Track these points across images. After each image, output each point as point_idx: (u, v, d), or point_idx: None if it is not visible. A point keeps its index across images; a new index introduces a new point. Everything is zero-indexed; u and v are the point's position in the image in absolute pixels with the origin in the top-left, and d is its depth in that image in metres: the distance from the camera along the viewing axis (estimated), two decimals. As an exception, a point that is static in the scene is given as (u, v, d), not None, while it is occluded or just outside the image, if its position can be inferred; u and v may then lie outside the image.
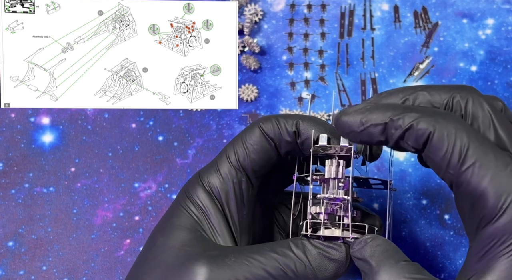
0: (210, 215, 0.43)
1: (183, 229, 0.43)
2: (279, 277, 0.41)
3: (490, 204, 0.37)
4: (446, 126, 0.38)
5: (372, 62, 0.60)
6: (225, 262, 0.41)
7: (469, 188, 0.38)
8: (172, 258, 0.42)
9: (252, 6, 0.60)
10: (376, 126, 0.39)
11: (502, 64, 0.59)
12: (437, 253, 0.54)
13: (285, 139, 0.43)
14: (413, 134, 0.39)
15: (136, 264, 0.45)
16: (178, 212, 0.44)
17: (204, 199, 0.44)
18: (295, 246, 0.42)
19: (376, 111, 0.40)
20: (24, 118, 0.57)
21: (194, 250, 0.42)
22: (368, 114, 0.40)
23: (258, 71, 0.59)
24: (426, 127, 0.38)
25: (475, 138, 0.38)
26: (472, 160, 0.38)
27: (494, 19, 0.61)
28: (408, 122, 0.39)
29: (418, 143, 0.39)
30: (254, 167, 0.44)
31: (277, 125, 0.43)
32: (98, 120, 0.57)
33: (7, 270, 0.53)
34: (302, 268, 0.41)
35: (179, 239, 0.43)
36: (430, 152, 0.39)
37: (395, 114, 0.39)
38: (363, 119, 0.40)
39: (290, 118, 0.44)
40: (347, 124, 0.40)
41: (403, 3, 0.61)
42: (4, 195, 0.55)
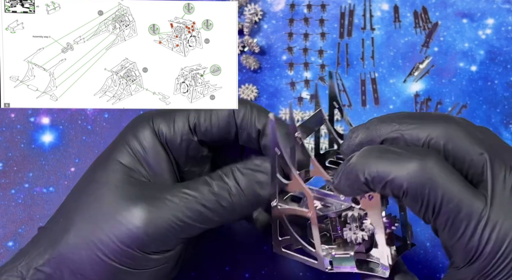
0: (152, 156, 0.44)
1: (124, 167, 0.43)
2: (216, 209, 0.42)
3: (457, 258, 0.39)
4: (419, 182, 0.38)
5: (372, 62, 0.60)
6: (162, 201, 0.41)
7: (442, 238, 0.40)
8: (110, 196, 0.42)
9: (252, 6, 0.60)
10: (361, 187, 0.40)
11: (502, 64, 0.59)
12: (437, 253, 0.54)
13: (252, 138, 0.45)
14: (390, 190, 0.39)
15: (70, 197, 0.45)
16: (121, 148, 0.44)
17: (150, 141, 0.44)
18: (225, 176, 0.43)
19: (353, 173, 0.40)
20: (24, 118, 0.57)
21: (133, 189, 0.42)
22: (347, 178, 0.40)
23: (258, 71, 0.59)
24: (400, 184, 0.38)
25: (449, 189, 0.38)
26: (444, 218, 0.38)
27: (494, 19, 0.61)
28: (383, 181, 0.39)
29: (397, 197, 0.40)
30: (208, 138, 0.45)
31: (248, 121, 0.44)
32: (98, 120, 0.57)
33: (7, 270, 0.53)
34: (236, 197, 0.42)
35: (119, 176, 0.43)
36: (407, 205, 0.41)
37: (370, 172, 0.39)
38: (347, 183, 0.41)
39: (258, 115, 0.45)
40: (340, 190, 0.42)
41: (403, 3, 0.61)
42: (4, 195, 0.55)
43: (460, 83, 0.59)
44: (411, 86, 0.59)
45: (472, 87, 0.59)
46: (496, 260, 0.37)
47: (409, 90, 0.59)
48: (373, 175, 0.39)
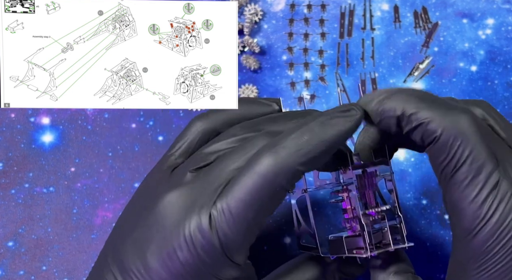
0: None
1: None
2: None
3: (464, 224, 0.39)
4: (454, 133, 0.38)
5: (372, 62, 0.60)
6: None
7: (452, 198, 0.39)
8: None
9: (252, 6, 0.60)
10: (390, 118, 0.40)
11: (502, 64, 0.59)
12: (437, 253, 0.54)
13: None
14: (421, 133, 0.39)
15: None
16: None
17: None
18: None
19: (390, 103, 0.40)
20: (24, 118, 0.57)
21: None
22: (384, 104, 0.40)
23: (258, 71, 0.59)
24: (435, 129, 0.39)
25: (478, 150, 0.38)
26: (463, 176, 0.38)
27: (494, 19, 0.61)
28: (419, 120, 0.39)
29: (424, 142, 0.40)
30: None
31: None
32: (98, 120, 0.57)
33: (7, 270, 0.53)
34: None
35: None
36: (431, 153, 0.40)
37: (409, 108, 0.39)
38: (379, 109, 0.40)
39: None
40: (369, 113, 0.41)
41: (403, 3, 0.61)
42: (4, 195, 0.55)
43: (460, 83, 0.59)
44: (411, 86, 0.59)
45: (472, 87, 0.59)
46: (498, 235, 0.37)
47: (409, 90, 0.59)
48: (410, 112, 0.39)
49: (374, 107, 0.41)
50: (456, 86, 0.59)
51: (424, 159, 0.56)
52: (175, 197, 0.39)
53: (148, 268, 0.38)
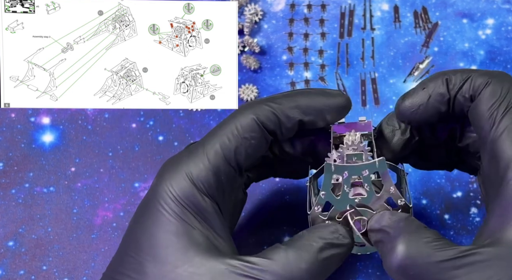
0: (209, 218, 0.41)
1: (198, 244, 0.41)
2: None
3: (509, 191, 0.38)
4: (502, 82, 0.41)
5: (372, 62, 0.60)
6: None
7: (498, 145, 0.40)
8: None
9: (252, 6, 0.60)
10: (437, 96, 0.42)
11: (502, 64, 0.59)
12: (437, 253, 0.54)
13: (287, 127, 0.42)
14: (471, 85, 0.41)
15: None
16: (183, 227, 0.40)
17: (199, 201, 0.41)
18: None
19: (434, 80, 0.42)
20: (24, 118, 0.57)
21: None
22: (428, 83, 0.42)
23: (258, 71, 0.59)
24: (483, 79, 0.41)
25: None
26: None
27: (494, 19, 0.61)
28: (465, 76, 0.41)
29: (475, 92, 0.41)
30: (247, 163, 0.43)
31: (276, 115, 0.42)
32: (98, 120, 0.57)
33: (7, 270, 0.53)
34: None
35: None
36: (480, 101, 0.41)
37: (451, 74, 0.42)
38: (426, 88, 0.42)
39: (286, 103, 0.43)
40: (413, 104, 0.43)
41: (403, 3, 0.61)
42: (4, 195, 0.55)
43: (460, 83, 0.59)
44: (411, 86, 0.59)
45: (472, 87, 0.59)
46: None
47: (409, 90, 0.59)
48: (457, 73, 0.42)
49: (419, 93, 0.43)
50: (456, 86, 0.59)
51: (424, 159, 0.57)
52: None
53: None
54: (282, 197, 0.55)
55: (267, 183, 0.55)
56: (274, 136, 0.42)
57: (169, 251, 0.39)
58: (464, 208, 0.55)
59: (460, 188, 0.56)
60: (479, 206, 0.55)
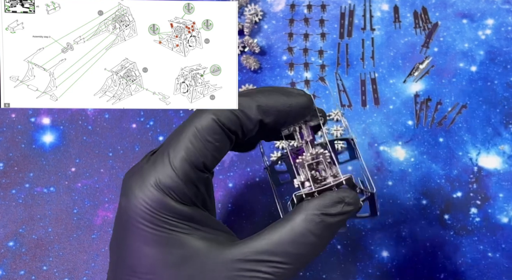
0: (196, 219, 0.41)
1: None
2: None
3: None
4: None
5: (372, 62, 0.60)
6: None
7: None
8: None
9: (252, 6, 0.60)
10: None
11: (502, 64, 0.59)
12: (437, 253, 0.54)
13: (249, 128, 0.42)
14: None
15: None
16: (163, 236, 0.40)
17: (177, 209, 0.40)
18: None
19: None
20: (24, 118, 0.57)
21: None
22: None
23: (258, 71, 0.59)
24: None
25: None
26: None
27: (494, 19, 0.61)
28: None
29: None
30: (214, 163, 0.42)
31: (237, 116, 0.41)
32: (98, 120, 0.57)
33: (8, 270, 0.54)
34: None
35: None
36: None
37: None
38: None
39: (247, 103, 0.42)
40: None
41: (403, 3, 0.61)
42: (5, 195, 0.55)
43: (460, 83, 0.59)
44: (411, 86, 0.59)
45: (472, 87, 0.59)
46: None
47: (409, 90, 0.59)
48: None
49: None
50: (456, 86, 0.59)
51: (424, 159, 0.57)
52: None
53: None
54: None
55: (267, 183, 0.55)
56: (236, 135, 0.42)
57: (163, 267, 0.39)
58: (464, 208, 0.55)
59: (460, 188, 0.56)
60: (479, 206, 0.55)
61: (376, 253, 0.54)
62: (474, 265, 0.54)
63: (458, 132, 0.57)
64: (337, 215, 0.40)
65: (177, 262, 0.39)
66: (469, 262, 0.54)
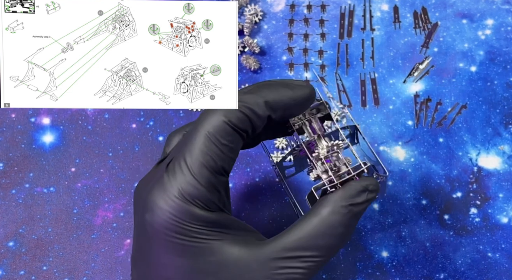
0: (224, 224, 0.41)
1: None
2: None
3: None
4: None
5: (372, 62, 0.60)
6: None
7: None
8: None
9: (252, 6, 0.60)
10: None
11: (502, 65, 0.59)
12: (437, 253, 0.54)
13: (258, 125, 0.42)
14: None
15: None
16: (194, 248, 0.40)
17: (199, 219, 0.40)
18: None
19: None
20: (24, 118, 0.57)
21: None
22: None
23: (258, 71, 0.59)
24: None
25: None
26: None
27: (494, 19, 0.61)
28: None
29: None
30: (231, 164, 0.42)
31: (246, 115, 0.41)
32: (98, 120, 0.57)
33: (8, 270, 0.54)
34: None
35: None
36: None
37: None
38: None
39: (255, 100, 0.42)
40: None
41: (402, 3, 0.61)
42: (5, 195, 0.55)
43: (459, 83, 0.59)
44: (410, 87, 0.59)
45: (472, 87, 0.59)
46: None
47: (408, 90, 0.59)
48: None
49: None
50: (456, 86, 0.59)
51: (424, 160, 0.57)
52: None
53: None
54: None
55: (267, 183, 0.55)
56: (246, 133, 0.42)
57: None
58: (464, 208, 0.55)
59: (460, 188, 0.56)
60: (479, 206, 0.55)
61: (376, 253, 0.54)
62: (474, 265, 0.54)
63: (458, 132, 0.57)
64: (363, 203, 0.42)
65: (214, 270, 0.40)
66: (469, 262, 0.54)
